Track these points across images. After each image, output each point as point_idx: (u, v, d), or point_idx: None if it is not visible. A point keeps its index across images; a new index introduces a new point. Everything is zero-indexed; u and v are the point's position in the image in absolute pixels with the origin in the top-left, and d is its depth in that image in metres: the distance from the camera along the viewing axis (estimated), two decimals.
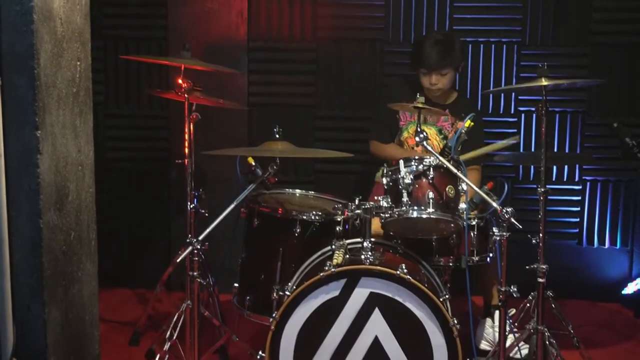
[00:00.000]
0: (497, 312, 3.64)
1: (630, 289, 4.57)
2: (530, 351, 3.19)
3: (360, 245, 3.05)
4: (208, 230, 3.03)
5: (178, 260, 3.54)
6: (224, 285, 4.00)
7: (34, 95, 2.61)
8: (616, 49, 4.56)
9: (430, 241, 3.31)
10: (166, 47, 4.68)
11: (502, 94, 4.66)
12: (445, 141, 3.97)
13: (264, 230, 3.37)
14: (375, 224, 3.13)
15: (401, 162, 3.09)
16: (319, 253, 3.19)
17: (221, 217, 3.06)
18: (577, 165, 4.65)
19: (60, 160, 2.78)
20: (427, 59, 3.84)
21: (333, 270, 2.81)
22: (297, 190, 3.74)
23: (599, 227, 4.69)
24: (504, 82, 4.61)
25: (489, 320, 3.76)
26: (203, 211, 3.31)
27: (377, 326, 2.83)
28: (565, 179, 4.68)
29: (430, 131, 3.99)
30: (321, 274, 2.81)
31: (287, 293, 2.92)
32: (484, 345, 3.71)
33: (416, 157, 3.17)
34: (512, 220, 2.82)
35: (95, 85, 3.12)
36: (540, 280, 2.98)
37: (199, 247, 3.02)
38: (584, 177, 4.67)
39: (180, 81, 3.33)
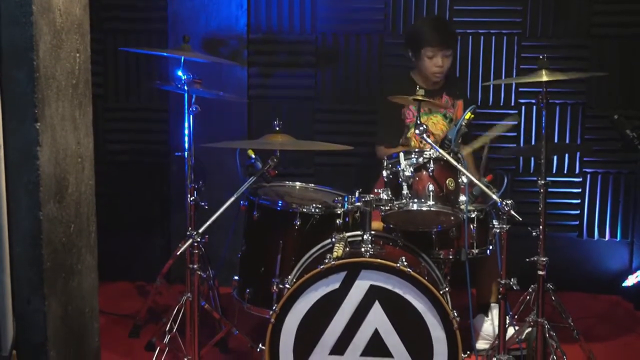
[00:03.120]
0: (495, 309, 3.63)
1: (630, 281, 4.57)
2: (530, 343, 3.19)
3: (360, 238, 3.05)
4: (208, 223, 3.02)
5: (178, 253, 3.55)
6: (224, 278, 4.01)
7: (33, 87, 2.60)
8: (616, 40, 4.54)
9: (430, 234, 3.30)
10: (166, 39, 4.67)
11: (503, 86, 4.65)
12: (451, 124, 3.99)
13: (264, 223, 3.37)
14: (376, 217, 3.12)
15: (401, 154, 3.09)
16: (319, 246, 3.18)
17: (221, 210, 3.05)
18: (577, 158, 4.65)
19: (59, 152, 2.78)
20: (433, 39, 3.88)
21: (333, 263, 2.81)
22: (297, 183, 3.74)
23: (599, 220, 4.68)
24: (504, 74, 4.60)
25: (483, 317, 3.73)
26: (203, 204, 3.31)
27: (377, 319, 2.83)
28: (565, 171, 4.67)
29: (437, 119, 4.00)
30: (321, 267, 2.81)
31: (287, 286, 2.92)
32: (481, 344, 3.66)
33: (416, 150, 3.17)
34: (512, 212, 2.81)
35: (94, 77, 3.11)
36: (540, 272, 2.98)
37: (199, 240, 3.02)
38: (584, 170, 4.66)
39: (180, 73, 3.32)
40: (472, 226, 3.30)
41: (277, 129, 3.24)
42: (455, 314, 2.78)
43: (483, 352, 3.47)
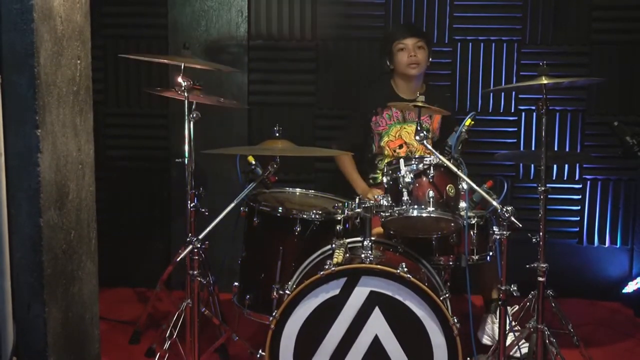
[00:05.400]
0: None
1: (630, 287, 4.57)
2: (530, 350, 3.19)
3: (360, 244, 3.05)
4: (208, 229, 3.03)
5: (178, 260, 3.54)
6: (224, 284, 4.01)
7: (34, 94, 2.61)
8: (616, 47, 4.55)
9: (430, 240, 3.30)
10: (166, 46, 4.67)
11: (503, 93, 4.66)
12: (427, 134, 3.99)
13: (264, 229, 3.37)
14: (376, 223, 3.13)
15: (401, 160, 3.09)
16: (319, 252, 3.18)
17: (221, 216, 3.06)
18: (577, 164, 4.65)
19: (60, 159, 2.78)
20: (401, 31, 4.03)
21: (333, 269, 2.81)
22: (298, 189, 3.74)
23: (599, 226, 4.68)
24: (504, 81, 4.61)
25: (491, 316, 3.74)
26: (203, 210, 3.31)
27: (377, 325, 2.83)
28: (565, 178, 4.67)
29: (411, 128, 4.01)
30: (321, 273, 2.81)
31: (287, 292, 2.92)
32: (485, 340, 3.69)
33: (416, 156, 3.17)
34: (512, 219, 2.82)
35: (95, 84, 3.12)
36: (540, 279, 2.98)
37: (199, 246, 3.02)
38: (584, 176, 4.66)
39: (180, 80, 3.32)
40: (472, 232, 3.30)
41: (278, 135, 3.24)
42: (456, 320, 2.78)
43: (483, 356, 3.47)
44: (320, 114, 4.76)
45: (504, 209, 2.83)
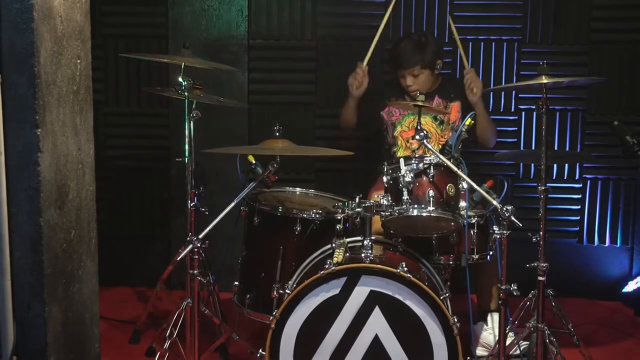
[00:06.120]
0: (494, 315, 3.60)
1: (630, 287, 4.57)
2: (530, 348, 3.19)
3: (360, 244, 3.05)
4: (208, 228, 3.03)
5: (178, 259, 3.54)
6: (224, 284, 4.01)
7: (34, 94, 2.61)
8: (616, 46, 4.55)
9: (430, 239, 3.30)
10: (166, 45, 4.67)
11: (503, 92, 4.66)
12: (441, 126, 3.99)
13: (264, 228, 3.37)
14: (376, 223, 3.13)
15: (401, 160, 3.09)
16: (320, 251, 3.19)
17: (221, 215, 3.06)
18: (577, 164, 4.65)
19: (60, 158, 2.78)
20: (400, 59, 3.99)
21: (333, 268, 2.81)
22: (298, 189, 3.74)
23: (600, 226, 4.68)
24: (504, 80, 4.61)
25: (484, 325, 3.67)
26: (203, 209, 3.31)
27: (377, 324, 2.83)
28: (565, 177, 4.68)
29: (425, 120, 3.99)
30: (321, 272, 2.81)
31: (288, 291, 2.92)
32: (480, 351, 3.62)
33: (416, 156, 3.18)
34: (512, 218, 2.82)
35: (95, 83, 3.12)
36: (540, 278, 2.98)
37: (199, 245, 3.02)
38: (584, 176, 4.66)
39: (180, 79, 3.32)
40: (472, 232, 3.29)
41: (278, 134, 3.25)
42: (456, 320, 2.78)
43: (484, 358, 3.46)
44: (320, 113, 4.76)
45: (504, 208, 2.83)
